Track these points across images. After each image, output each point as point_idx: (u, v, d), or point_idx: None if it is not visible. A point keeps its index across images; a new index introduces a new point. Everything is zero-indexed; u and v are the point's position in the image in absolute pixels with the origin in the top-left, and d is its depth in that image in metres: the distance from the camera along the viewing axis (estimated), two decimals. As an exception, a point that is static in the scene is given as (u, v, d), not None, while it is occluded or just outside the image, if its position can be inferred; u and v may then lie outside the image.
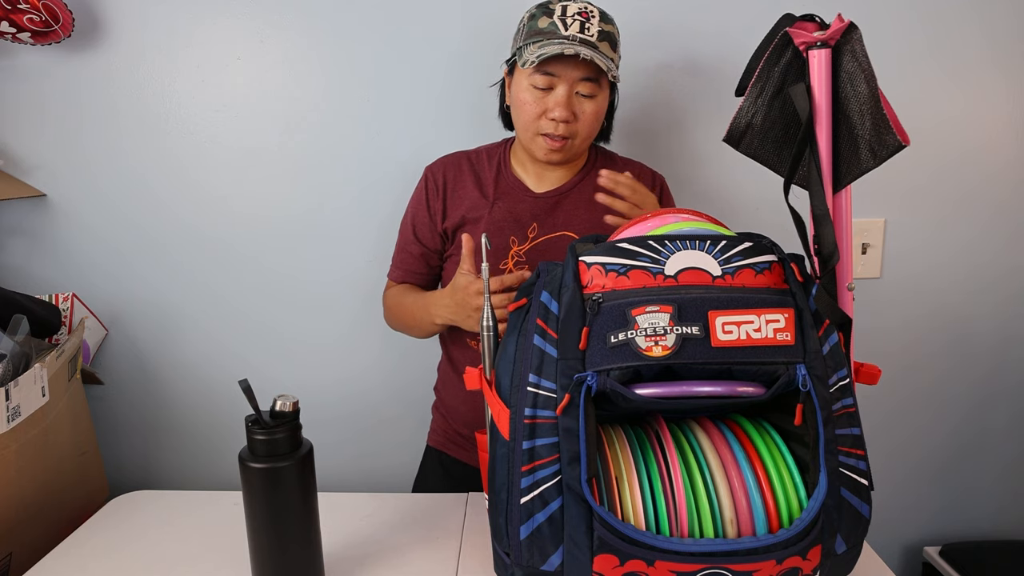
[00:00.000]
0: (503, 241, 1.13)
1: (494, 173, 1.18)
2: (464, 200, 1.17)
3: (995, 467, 1.61)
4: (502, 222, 1.14)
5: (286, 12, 1.38)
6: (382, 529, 1.00)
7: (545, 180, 1.17)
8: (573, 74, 1.04)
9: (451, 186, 1.18)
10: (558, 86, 1.04)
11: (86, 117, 1.41)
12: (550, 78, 1.04)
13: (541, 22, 1.04)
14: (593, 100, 1.07)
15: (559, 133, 1.06)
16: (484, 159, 1.20)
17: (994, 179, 1.47)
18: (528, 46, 1.04)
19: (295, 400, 0.81)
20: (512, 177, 1.17)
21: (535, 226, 1.14)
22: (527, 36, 1.05)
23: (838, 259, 0.74)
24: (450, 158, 1.22)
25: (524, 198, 1.15)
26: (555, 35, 1.02)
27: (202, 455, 1.55)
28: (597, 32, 1.04)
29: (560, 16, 1.03)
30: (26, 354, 1.11)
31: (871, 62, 0.74)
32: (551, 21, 1.03)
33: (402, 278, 1.25)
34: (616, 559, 0.66)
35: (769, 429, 0.78)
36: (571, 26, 1.02)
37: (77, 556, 0.96)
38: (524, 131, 1.10)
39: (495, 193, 1.16)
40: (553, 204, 1.15)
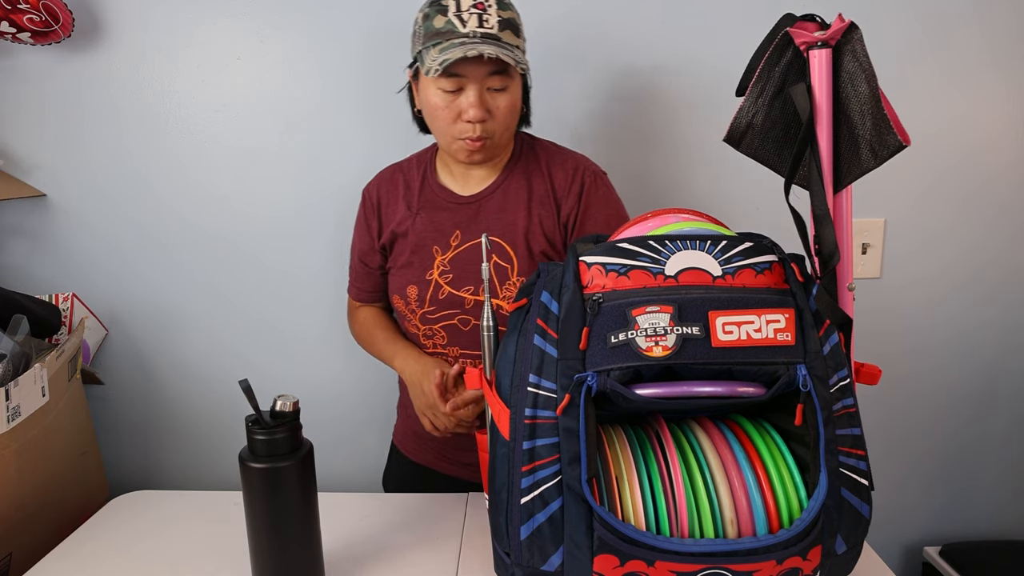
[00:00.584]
0: (427, 252, 1.11)
1: (420, 182, 1.16)
2: (395, 215, 1.15)
3: (995, 467, 1.61)
4: (424, 233, 1.12)
5: (286, 12, 1.37)
6: (382, 529, 1.00)
7: (471, 181, 1.13)
8: (480, 71, 0.98)
9: (384, 203, 1.17)
10: (467, 86, 0.99)
11: (86, 117, 1.41)
12: (458, 79, 0.99)
13: (437, 21, 0.98)
14: (506, 93, 1.02)
15: (477, 134, 1.01)
16: (414, 168, 1.18)
17: (995, 180, 1.47)
18: (428, 50, 0.98)
19: (295, 400, 0.81)
20: (436, 185, 1.14)
21: (458, 233, 1.11)
22: (425, 39, 0.99)
23: (838, 259, 0.74)
24: (384, 173, 1.20)
25: (447, 206, 1.12)
26: (454, 34, 0.97)
27: (202, 455, 1.55)
28: (497, 22, 0.98)
29: (455, 12, 0.97)
30: (26, 354, 1.11)
31: (872, 62, 0.74)
32: (447, 19, 0.97)
33: (359, 296, 1.25)
34: (616, 559, 0.66)
35: (769, 429, 0.78)
36: (468, 21, 0.97)
37: (77, 556, 0.96)
38: (441, 136, 1.06)
39: (419, 204, 1.14)
40: (475, 210, 1.11)
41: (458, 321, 1.10)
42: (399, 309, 1.16)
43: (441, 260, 1.10)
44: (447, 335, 1.12)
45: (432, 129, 1.08)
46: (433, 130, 1.08)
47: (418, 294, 1.11)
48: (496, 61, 0.97)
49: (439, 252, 1.11)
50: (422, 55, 1.00)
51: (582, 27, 1.38)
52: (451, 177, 1.15)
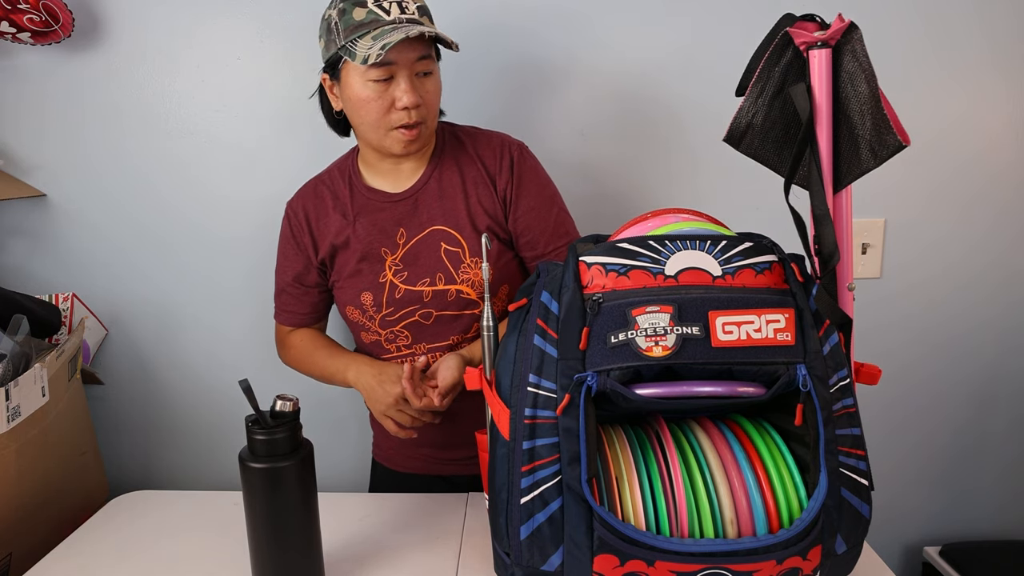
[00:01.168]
0: (376, 255, 1.10)
1: (348, 188, 1.14)
2: (327, 229, 1.14)
3: (995, 467, 1.61)
4: (368, 237, 1.11)
5: (286, 12, 1.37)
6: (382, 529, 1.00)
7: (401, 177, 1.12)
8: (409, 57, 0.99)
9: (313, 217, 1.15)
10: (398, 73, 0.99)
11: (86, 117, 1.41)
12: (389, 68, 0.98)
13: (357, 14, 0.98)
14: (432, 77, 1.04)
15: (413, 120, 1.01)
16: (337, 177, 1.16)
17: (995, 180, 1.47)
18: (356, 42, 0.97)
19: (295, 400, 0.81)
20: (366, 188, 1.13)
21: (402, 231, 1.10)
22: (348, 33, 0.98)
23: (838, 259, 0.74)
24: (306, 188, 1.19)
25: (383, 206, 1.12)
26: (380, 22, 0.97)
27: (202, 455, 1.55)
28: (416, 8, 1.00)
29: (375, 3, 0.98)
30: (26, 354, 1.11)
31: (871, 62, 0.74)
32: (368, 10, 0.97)
33: (290, 321, 1.23)
34: (616, 559, 0.66)
35: (769, 429, 0.78)
36: (391, 10, 0.98)
37: (77, 556, 0.96)
38: (374, 130, 1.03)
39: (354, 211, 1.12)
40: (412, 204, 1.11)
41: (419, 316, 1.10)
42: (355, 320, 1.14)
43: (392, 260, 1.10)
44: (411, 334, 1.12)
45: (360, 126, 1.06)
46: (362, 127, 1.05)
47: (374, 299, 1.10)
48: (423, 46, 1.00)
49: (388, 253, 1.10)
50: (350, 48, 0.98)
51: (584, 27, 1.38)
52: (380, 177, 1.13)
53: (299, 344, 1.23)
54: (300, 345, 1.23)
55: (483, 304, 0.87)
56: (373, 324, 1.12)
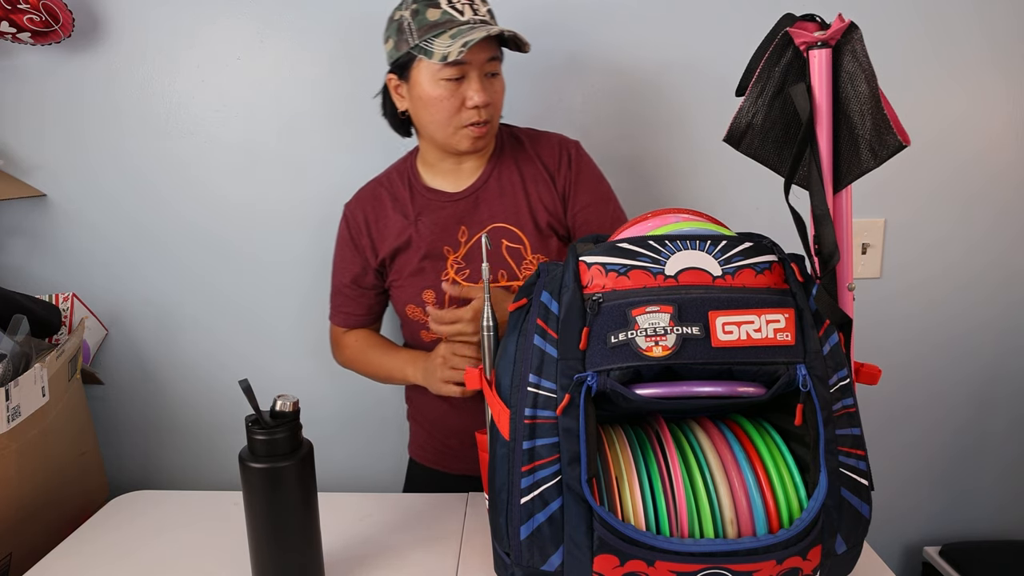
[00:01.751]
0: (438, 252, 1.12)
1: (408, 190, 1.16)
2: (387, 230, 1.15)
3: (995, 467, 1.61)
4: (431, 236, 1.12)
5: (286, 12, 1.37)
6: (382, 529, 1.00)
7: (462, 176, 1.14)
8: (482, 57, 1.02)
9: (372, 219, 1.16)
10: (470, 73, 1.02)
11: (86, 117, 1.41)
12: (461, 67, 1.01)
13: (431, 14, 1.00)
14: (499, 78, 1.08)
15: (483, 119, 1.04)
16: (396, 179, 1.18)
17: (995, 180, 1.47)
18: (432, 40, 0.99)
19: (295, 400, 0.81)
20: (426, 189, 1.15)
21: (463, 229, 1.12)
22: (422, 32, 1.00)
23: (838, 259, 0.74)
24: (364, 190, 1.20)
25: (444, 205, 1.13)
26: (454, 22, 1.00)
27: (202, 455, 1.55)
28: (486, 11, 1.04)
29: (448, 4, 1.00)
30: (26, 354, 1.11)
31: (871, 62, 0.74)
32: (442, 11, 1.00)
33: (345, 322, 1.24)
34: (616, 559, 0.66)
35: (769, 429, 0.78)
36: (464, 11, 1.01)
37: (77, 556, 0.96)
38: (443, 128, 1.06)
39: (415, 209, 1.14)
40: (473, 202, 1.13)
41: None
42: (415, 319, 1.15)
43: (455, 259, 1.12)
44: None
45: (429, 124, 1.07)
46: (431, 125, 1.07)
47: (436, 297, 1.12)
48: (493, 47, 1.03)
49: (450, 251, 1.12)
50: (424, 47, 1.00)
51: (584, 27, 1.38)
52: (439, 177, 1.15)
53: (354, 344, 1.23)
54: (355, 345, 1.23)
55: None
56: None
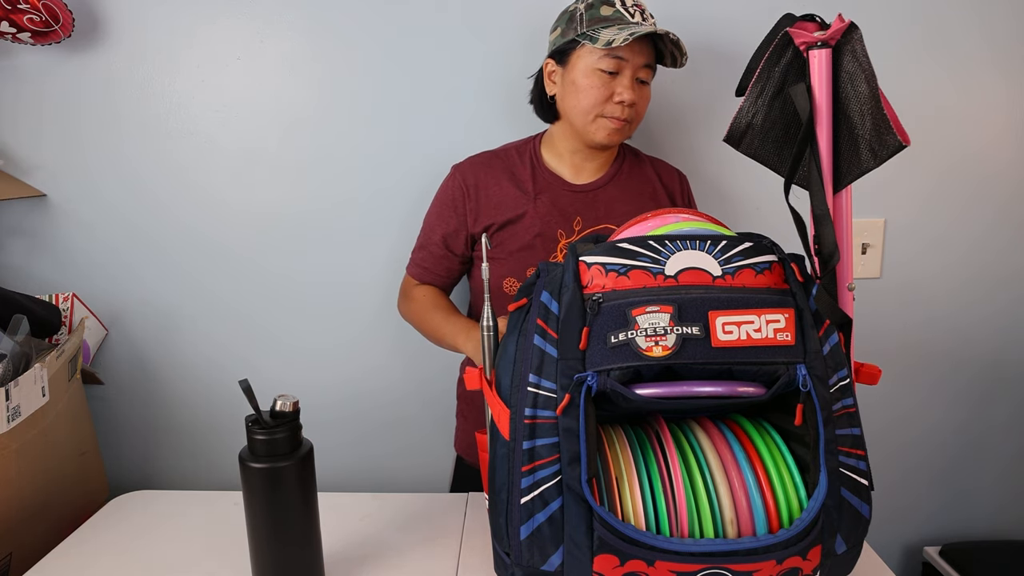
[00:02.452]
0: (551, 234, 1.14)
1: (529, 168, 1.18)
2: (499, 199, 1.16)
3: (995, 467, 1.61)
4: (548, 215, 1.14)
5: (286, 12, 1.37)
6: (382, 529, 1.00)
7: (582, 173, 1.18)
8: (638, 59, 1.08)
9: (483, 185, 1.17)
10: (624, 70, 1.08)
11: (86, 117, 1.41)
12: (619, 62, 1.07)
13: (604, 10, 1.07)
14: (648, 86, 1.12)
15: (624, 116, 1.09)
16: (515, 156, 1.20)
17: (995, 179, 1.47)
18: (599, 30, 1.06)
19: (295, 400, 0.81)
20: (548, 171, 1.18)
21: (579, 219, 1.15)
22: (591, 23, 1.07)
23: (838, 259, 0.74)
24: (478, 158, 1.22)
25: (564, 192, 1.16)
26: (623, 21, 1.06)
27: (202, 455, 1.55)
28: (653, 22, 1.10)
29: (622, 5, 1.08)
30: (26, 354, 1.11)
31: (871, 62, 0.74)
32: (615, 10, 1.07)
33: (421, 276, 1.24)
34: (616, 559, 0.66)
35: (769, 429, 0.78)
36: (634, 15, 1.08)
37: (77, 556, 0.96)
38: (585, 115, 1.10)
39: (535, 188, 1.16)
40: (592, 198, 1.16)
41: None
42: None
43: (565, 243, 1.14)
44: None
45: (573, 109, 1.11)
46: (575, 110, 1.11)
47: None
48: (651, 53, 1.09)
49: (563, 235, 1.14)
50: (591, 34, 1.06)
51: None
52: (563, 166, 1.19)
53: (422, 299, 1.23)
54: (423, 300, 1.22)
55: None
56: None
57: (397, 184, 1.43)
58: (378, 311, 1.47)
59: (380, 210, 1.44)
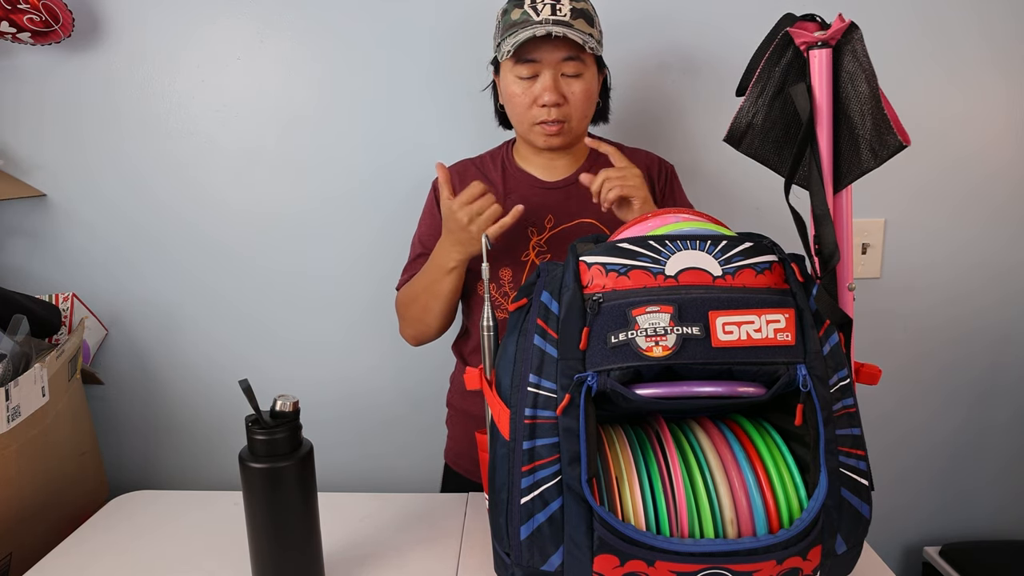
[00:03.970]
0: (521, 232, 1.13)
1: (500, 171, 1.19)
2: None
3: (994, 467, 1.61)
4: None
5: (286, 12, 1.38)
6: (382, 529, 1.00)
7: (554, 171, 1.17)
8: (554, 56, 1.04)
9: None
10: (543, 72, 1.05)
11: (86, 117, 1.41)
12: (533, 65, 1.05)
13: (514, 14, 1.05)
14: (580, 79, 1.07)
15: (552, 118, 1.06)
16: (488, 161, 1.21)
17: (994, 179, 1.47)
18: (505, 40, 1.04)
19: (295, 400, 0.81)
20: (520, 171, 1.18)
21: (551, 216, 1.14)
22: (504, 31, 1.05)
23: (839, 259, 0.74)
24: (456, 166, 1.22)
25: (535, 190, 1.16)
26: (529, 23, 1.03)
27: (202, 455, 1.55)
28: (569, 11, 1.04)
29: (531, 4, 1.04)
30: (26, 354, 1.11)
31: (872, 62, 0.74)
32: (523, 11, 1.04)
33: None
34: (616, 559, 0.66)
35: (769, 429, 0.78)
36: (542, 11, 1.03)
37: (77, 556, 0.96)
38: (520, 124, 1.11)
39: (505, 188, 1.16)
40: (565, 194, 1.15)
41: None
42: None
43: (537, 240, 1.13)
44: None
45: (511, 118, 1.12)
46: (512, 119, 1.12)
47: (513, 276, 1.13)
48: (568, 45, 1.03)
49: (534, 233, 1.14)
50: (500, 46, 1.06)
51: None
52: (533, 168, 1.18)
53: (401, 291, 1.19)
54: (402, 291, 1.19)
55: None
56: (506, 302, 1.14)
57: (397, 183, 1.43)
58: (378, 309, 1.47)
59: (380, 209, 1.44)
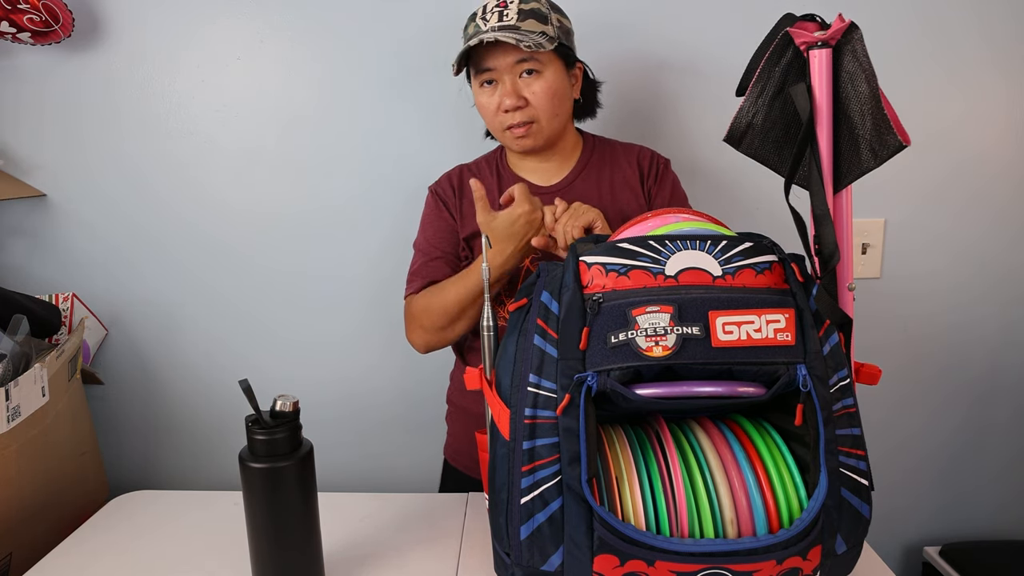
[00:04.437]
0: None
1: (495, 177, 1.19)
2: (471, 211, 1.15)
3: (994, 467, 1.61)
4: None
5: (286, 12, 1.38)
6: (382, 529, 1.00)
7: (546, 174, 1.17)
8: (506, 61, 1.05)
9: (459, 194, 1.18)
10: (500, 78, 1.06)
11: (86, 117, 1.41)
12: (489, 73, 1.07)
13: (469, 28, 1.07)
14: (540, 77, 1.06)
15: (517, 121, 1.07)
16: (484, 167, 1.21)
17: (994, 179, 1.47)
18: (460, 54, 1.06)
19: (295, 400, 0.81)
20: (514, 176, 1.18)
21: None
22: (463, 43, 1.07)
23: (839, 259, 0.74)
24: (452, 171, 1.22)
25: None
26: (478, 33, 1.04)
27: (202, 455, 1.55)
28: (516, 13, 1.04)
29: (481, 15, 1.06)
30: (26, 354, 1.11)
31: (872, 62, 0.74)
32: (475, 24, 1.06)
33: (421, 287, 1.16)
34: (616, 559, 0.66)
35: (769, 429, 0.78)
36: (491, 20, 1.04)
37: (77, 556, 0.96)
38: (494, 131, 1.13)
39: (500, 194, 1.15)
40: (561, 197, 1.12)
41: None
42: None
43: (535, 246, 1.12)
44: None
45: (488, 127, 1.14)
46: (488, 126, 1.14)
47: (511, 282, 1.13)
48: (517, 50, 1.03)
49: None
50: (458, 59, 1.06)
51: (588, 25, 1.38)
52: (526, 172, 1.18)
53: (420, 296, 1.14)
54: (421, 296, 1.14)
55: None
56: (502, 310, 1.14)
57: (397, 182, 1.43)
58: (378, 309, 1.47)
59: (380, 208, 1.44)
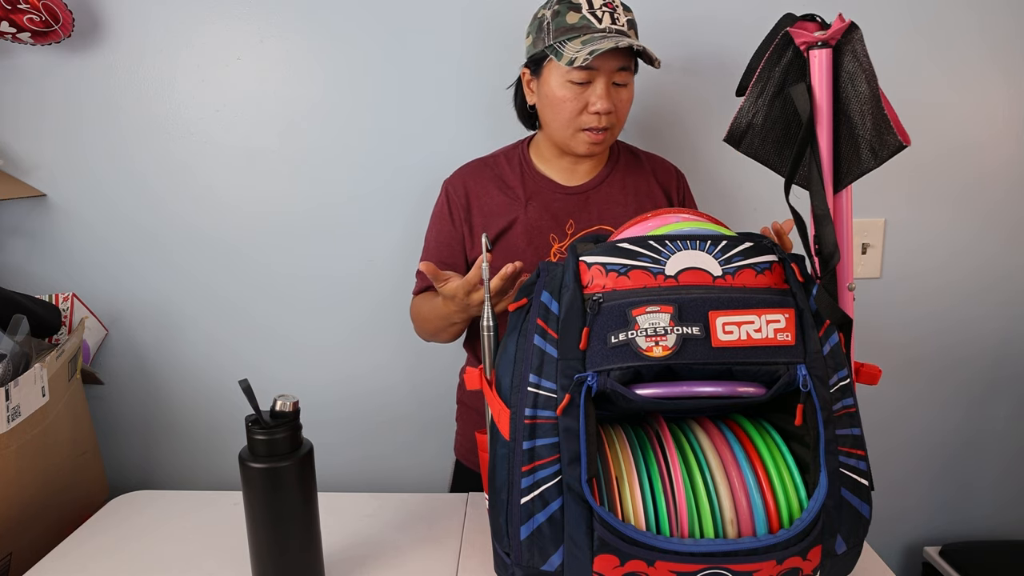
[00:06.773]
0: (543, 239, 1.12)
1: (519, 174, 1.17)
2: (490, 209, 1.15)
3: (995, 467, 1.61)
4: (539, 220, 1.13)
5: (286, 12, 1.37)
6: (382, 529, 1.00)
7: (574, 175, 1.16)
8: (611, 65, 1.03)
9: (474, 196, 1.16)
10: (597, 79, 1.04)
11: (86, 117, 1.41)
12: (590, 72, 1.03)
13: (570, 18, 1.03)
14: (627, 88, 1.08)
15: (601, 125, 1.06)
16: (503, 162, 1.19)
17: (994, 179, 1.47)
18: (565, 43, 1.02)
19: (295, 400, 0.81)
20: (539, 175, 1.16)
21: (571, 222, 1.13)
22: (558, 33, 1.03)
23: (839, 259, 0.74)
24: (467, 168, 1.20)
25: (556, 195, 1.14)
26: (591, 29, 1.02)
27: (202, 455, 1.55)
28: (625, 21, 1.05)
29: (589, 9, 1.03)
30: (26, 354, 1.11)
31: (872, 62, 0.74)
32: (581, 16, 1.02)
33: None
34: (616, 559, 0.66)
35: (769, 429, 0.78)
36: (603, 19, 1.03)
37: (77, 556, 0.96)
38: (563, 128, 1.08)
39: (525, 193, 1.14)
40: (585, 199, 1.14)
41: None
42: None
43: (558, 248, 1.13)
44: None
45: (552, 123, 1.09)
46: (553, 123, 1.09)
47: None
48: (624, 57, 1.03)
49: (555, 240, 1.13)
50: (557, 48, 1.03)
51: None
52: (553, 170, 1.17)
53: (415, 304, 1.19)
54: (415, 304, 1.19)
55: None
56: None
57: (398, 182, 1.43)
58: (379, 309, 1.47)
59: (381, 208, 1.44)
